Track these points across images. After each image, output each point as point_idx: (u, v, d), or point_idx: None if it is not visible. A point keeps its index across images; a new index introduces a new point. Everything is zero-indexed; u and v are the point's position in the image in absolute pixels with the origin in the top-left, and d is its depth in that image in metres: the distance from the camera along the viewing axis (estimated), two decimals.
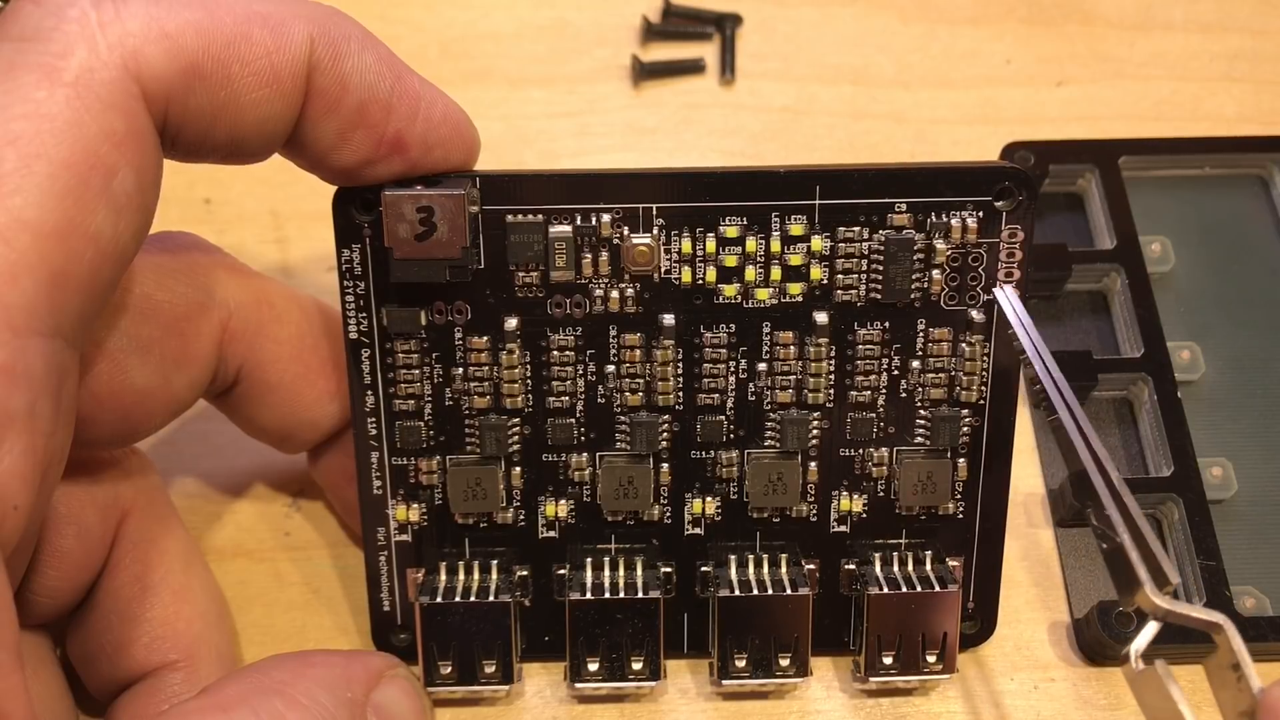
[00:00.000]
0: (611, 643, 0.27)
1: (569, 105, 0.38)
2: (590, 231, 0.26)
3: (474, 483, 0.27)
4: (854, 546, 0.28)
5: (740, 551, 0.28)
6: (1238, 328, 0.33)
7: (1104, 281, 0.34)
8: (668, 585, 0.28)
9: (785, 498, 0.27)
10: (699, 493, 0.28)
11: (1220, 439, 0.31)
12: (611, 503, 0.27)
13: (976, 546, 0.28)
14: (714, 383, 0.27)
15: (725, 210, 0.26)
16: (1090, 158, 0.35)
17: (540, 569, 0.28)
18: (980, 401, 0.27)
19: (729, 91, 0.38)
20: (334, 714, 0.23)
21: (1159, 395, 0.31)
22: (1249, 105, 0.37)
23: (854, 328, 0.26)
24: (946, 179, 0.26)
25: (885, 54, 0.38)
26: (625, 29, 0.39)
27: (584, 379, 0.27)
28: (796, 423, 0.27)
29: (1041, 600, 0.30)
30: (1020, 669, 0.29)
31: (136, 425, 0.25)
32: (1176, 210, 0.35)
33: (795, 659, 0.27)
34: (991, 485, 0.28)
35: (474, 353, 0.26)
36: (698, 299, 0.26)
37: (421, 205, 0.24)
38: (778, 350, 0.27)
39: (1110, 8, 0.39)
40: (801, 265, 0.26)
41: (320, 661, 0.25)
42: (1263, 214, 0.35)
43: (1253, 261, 0.34)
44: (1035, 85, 0.38)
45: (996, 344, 0.26)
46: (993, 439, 0.27)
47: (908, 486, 0.27)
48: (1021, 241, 0.26)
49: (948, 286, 0.26)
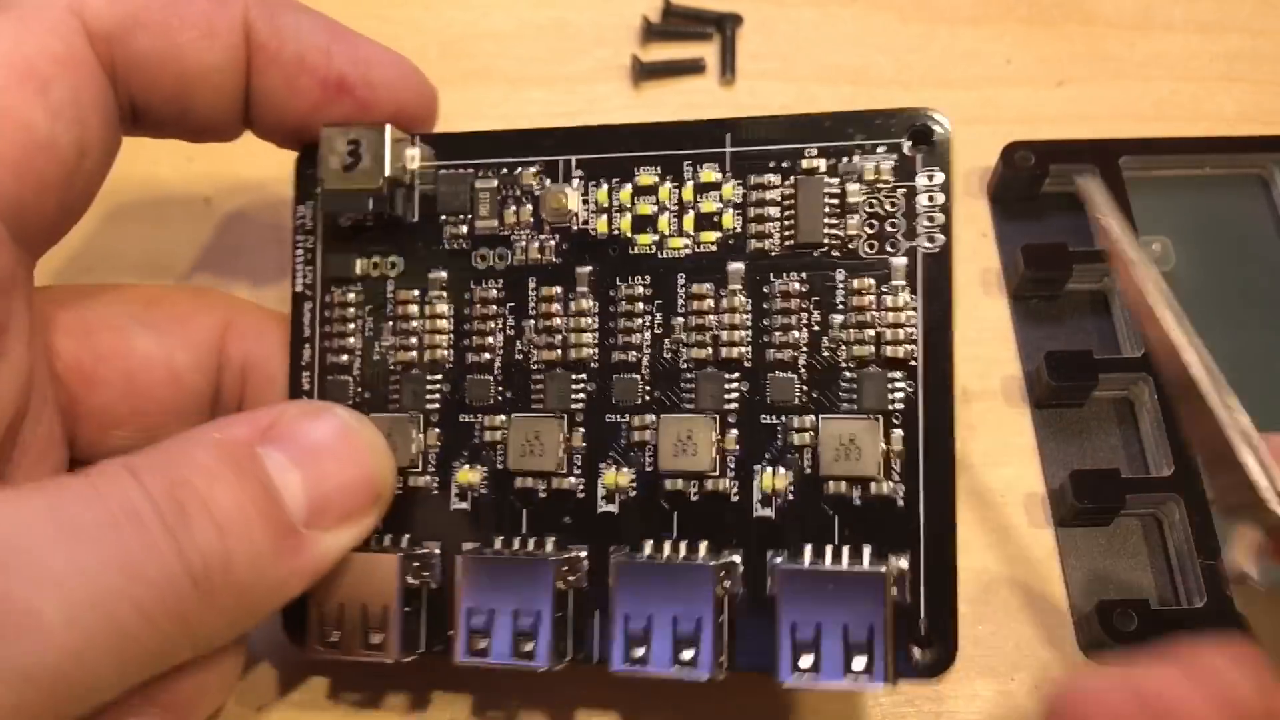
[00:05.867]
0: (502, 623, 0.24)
1: (569, 105, 0.38)
2: (512, 181, 0.27)
3: (386, 435, 0.26)
4: (781, 535, 0.25)
5: (659, 536, 0.25)
6: (1238, 327, 0.33)
7: (1104, 281, 0.33)
8: (574, 571, 0.25)
9: (695, 460, 0.25)
10: (612, 462, 0.26)
11: None
12: (518, 460, 0.26)
13: (924, 545, 0.24)
14: (629, 339, 0.26)
15: (641, 160, 0.26)
16: (1090, 158, 0.34)
17: (453, 547, 0.26)
18: (911, 362, 0.25)
19: (729, 92, 0.38)
20: (203, 462, 0.22)
21: (1160, 395, 0.31)
22: (1249, 105, 0.37)
23: (769, 279, 0.26)
24: (856, 123, 0.25)
25: (885, 54, 0.38)
26: (625, 29, 0.39)
27: (503, 333, 0.27)
28: (712, 380, 0.25)
29: (1042, 600, 0.30)
30: (1020, 668, 0.29)
31: (144, 397, 0.27)
32: (1177, 210, 0.35)
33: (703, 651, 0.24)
34: (934, 467, 0.24)
35: (403, 305, 0.27)
36: (613, 250, 0.26)
37: (351, 139, 0.26)
38: (692, 304, 0.26)
39: (1110, 8, 0.39)
40: (714, 213, 0.26)
41: (203, 426, 0.24)
42: (1263, 214, 0.35)
43: (1253, 261, 0.34)
44: (1035, 85, 0.38)
45: (926, 299, 0.25)
46: (930, 409, 0.25)
47: (829, 451, 0.25)
48: (941, 184, 0.25)
49: (865, 233, 0.25)
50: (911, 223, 0.25)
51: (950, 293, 0.25)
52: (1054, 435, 0.32)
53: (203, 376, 0.27)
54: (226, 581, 0.22)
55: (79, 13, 0.24)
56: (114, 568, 0.20)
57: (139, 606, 0.21)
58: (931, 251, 0.25)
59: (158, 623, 0.21)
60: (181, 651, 0.22)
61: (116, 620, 0.20)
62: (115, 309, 0.27)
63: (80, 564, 0.20)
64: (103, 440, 0.27)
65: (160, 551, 0.21)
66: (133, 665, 0.21)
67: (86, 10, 0.24)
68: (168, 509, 0.21)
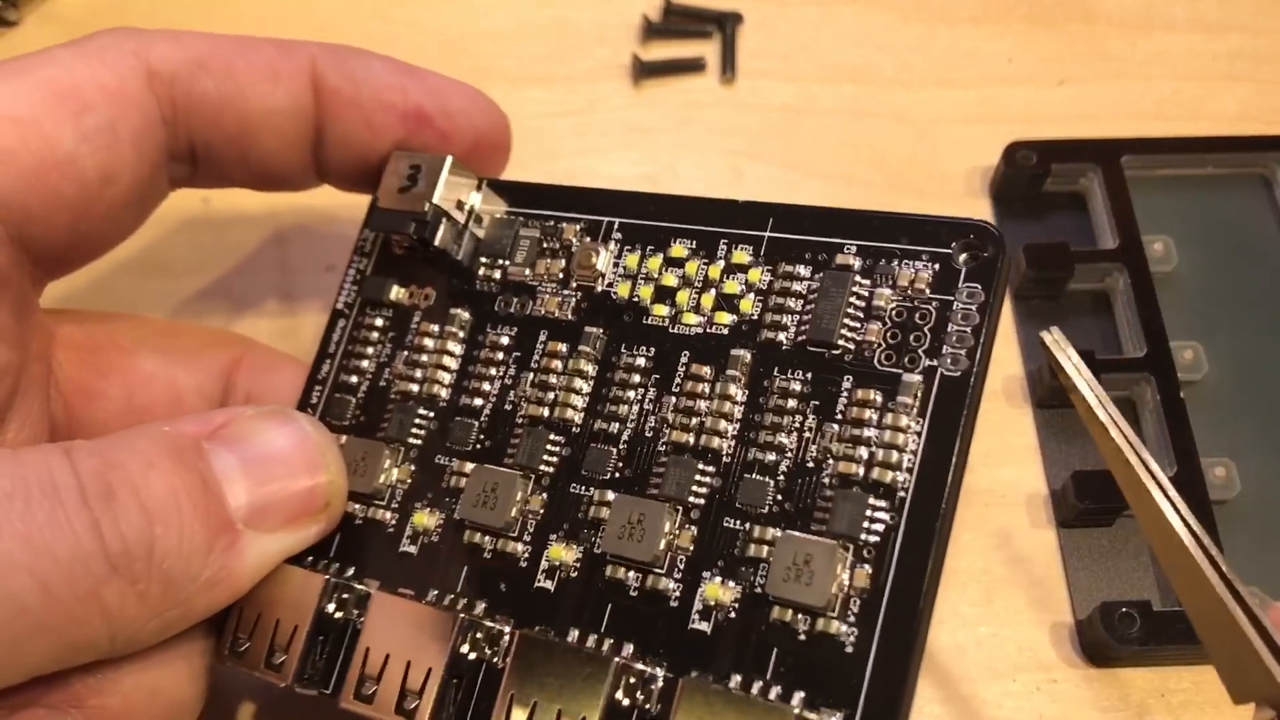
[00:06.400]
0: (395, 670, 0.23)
1: (569, 104, 0.38)
2: (554, 234, 0.27)
3: (359, 458, 0.26)
4: (711, 659, 0.22)
5: (584, 628, 0.23)
6: (1241, 327, 0.33)
7: (1107, 281, 0.33)
8: (490, 644, 0.23)
9: (640, 548, 0.23)
10: (563, 536, 0.24)
11: (1223, 439, 0.31)
12: (469, 509, 0.24)
13: (863, 704, 0.20)
14: (617, 409, 0.24)
15: (679, 231, 0.26)
16: (1093, 157, 0.34)
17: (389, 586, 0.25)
18: (900, 493, 0.21)
19: (729, 90, 0.38)
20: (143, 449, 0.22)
21: (1162, 395, 0.31)
22: (1251, 104, 0.37)
23: (773, 373, 0.23)
24: (905, 227, 0.23)
25: (886, 53, 0.38)
26: (625, 28, 0.39)
27: (501, 381, 0.26)
28: (683, 466, 0.23)
29: (1044, 601, 0.30)
30: (1023, 670, 0.29)
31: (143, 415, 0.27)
32: (1179, 209, 0.35)
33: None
34: (896, 615, 0.21)
35: (421, 337, 0.27)
36: (628, 316, 0.25)
37: (414, 163, 0.27)
38: (689, 384, 0.24)
39: (1112, 7, 0.39)
40: (735, 295, 0.24)
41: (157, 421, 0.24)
42: (1265, 213, 0.35)
43: (1256, 260, 0.34)
44: (1036, 84, 0.38)
45: (933, 424, 0.22)
46: (909, 546, 0.21)
47: (779, 568, 0.21)
48: (981, 305, 0.22)
49: (886, 343, 0.23)
50: (938, 339, 0.22)
51: (959, 426, 0.22)
52: (1056, 435, 0.32)
53: (205, 403, 0.28)
54: (150, 569, 0.21)
55: (144, 56, 0.25)
56: (14, 537, 0.20)
57: (40, 581, 0.20)
58: (952, 375, 0.22)
59: (65, 602, 0.20)
60: (99, 642, 0.21)
61: (10, 591, 0.19)
62: (127, 332, 0.28)
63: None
64: None
65: (73, 529, 0.20)
66: (33, 645, 0.20)
67: (153, 53, 0.25)
68: (92, 488, 0.21)
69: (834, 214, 0.24)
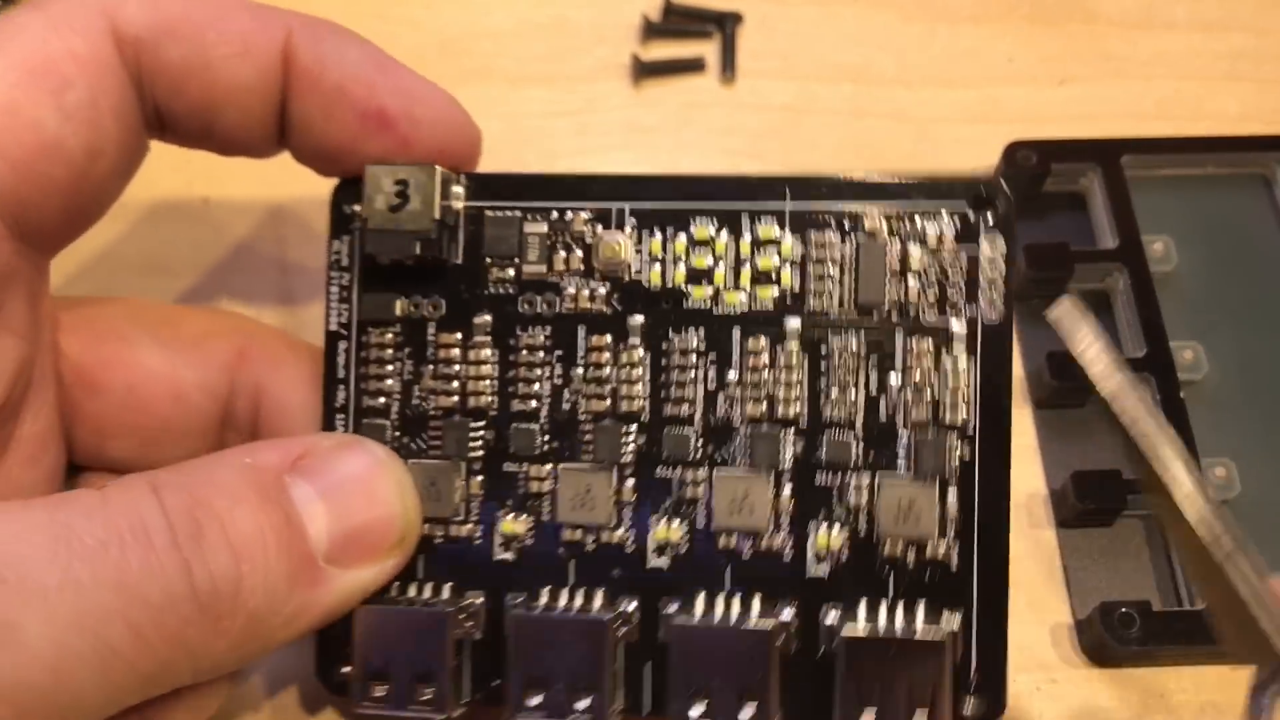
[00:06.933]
0: (558, 681, 0.24)
1: (569, 104, 0.38)
2: (563, 227, 0.26)
3: (429, 484, 0.26)
4: (836, 592, 0.25)
5: (711, 590, 0.25)
6: (1241, 327, 0.33)
7: (1106, 281, 0.33)
8: (625, 625, 0.25)
9: (752, 519, 0.25)
10: (665, 516, 0.26)
11: (1224, 439, 0.31)
12: (568, 512, 0.26)
13: (976, 602, 0.25)
14: (682, 392, 0.26)
15: (697, 211, 0.26)
16: (1092, 157, 0.34)
17: (495, 596, 0.26)
18: (970, 428, 0.25)
19: (729, 90, 0.38)
20: (228, 483, 0.22)
21: (1162, 395, 0.31)
22: (1252, 104, 0.37)
23: (828, 337, 0.25)
24: (920, 190, 0.25)
25: (886, 52, 0.38)
26: (625, 27, 0.39)
27: (550, 381, 0.26)
28: (767, 439, 0.25)
29: (1043, 601, 0.30)
30: (1022, 670, 0.29)
31: (143, 411, 0.26)
32: (1179, 209, 0.34)
33: (761, 710, 0.24)
34: (988, 527, 0.25)
35: (444, 349, 0.26)
36: (667, 302, 0.26)
37: (399, 179, 0.25)
38: (748, 358, 0.25)
39: (1113, 6, 0.39)
40: (773, 270, 0.25)
41: (234, 449, 0.24)
42: (1266, 213, 0.35)
43: (1256, 261, 0.34)
44: (1037, 84, 0.38)
45: (984, 361, 0.25)
46: (986, 473, 0.25)
47: (888, 515, 0.25)
48: (1005, 253, 0.25)
49: (926, 297, 0.25)
50: (973, 289, 0.25)
51: (1006, 361, 0.25)
52: (1055, 436, 0.32)
53: (209, 398, 0.27)
54: (235, 607, 0.21)
55: (111, 15, 0.24)
56: (109, 586, 0.20)
57: (134, 627, 0.20)
58: (990, 319, 0.25)
59: (155, 645, 0.20)
60: (182, 676, 0.22)
61: (105, 639, 0.20)
62: (127, 321, 0.27)
63: (73, 579, 0.20)
64: (100, 448, 0.27)
65: (165, 572, 0.20)
66: (123, 687, 0.21)
67: (120, 14, 0.24)
68: (182, 528, 0.21)
69: (851, 182, 0.25)
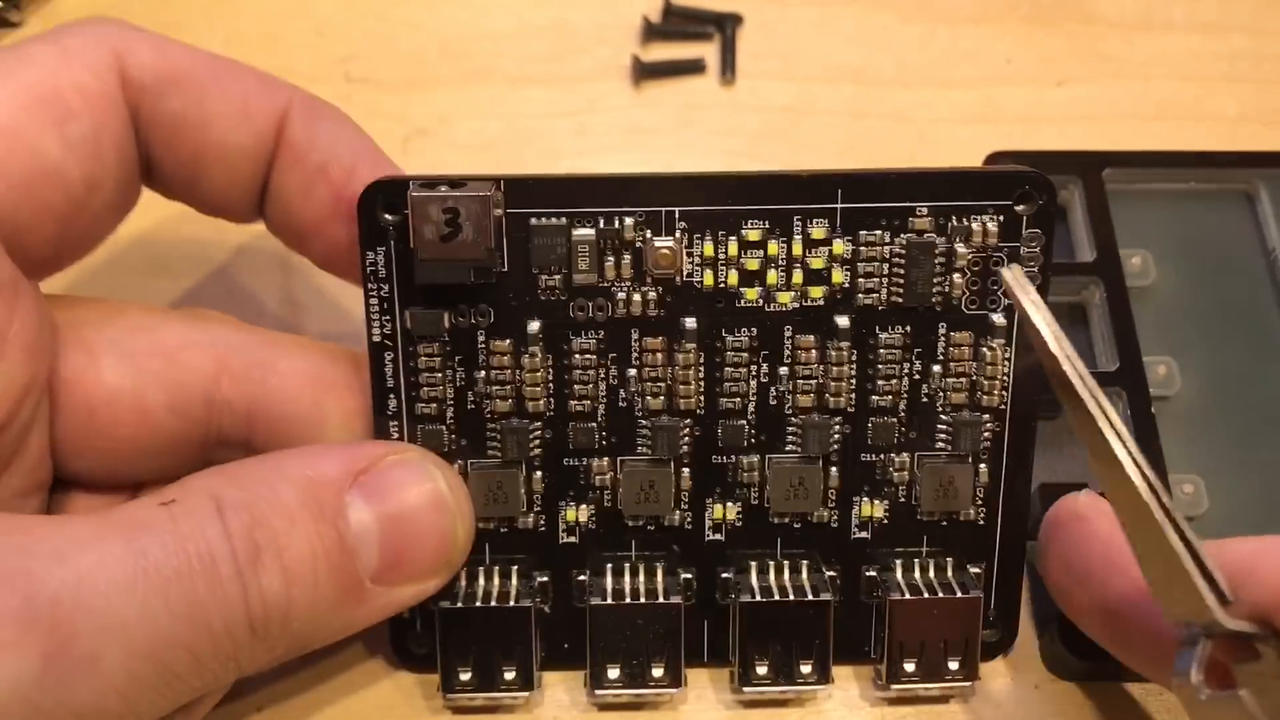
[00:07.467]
0: (632, 649, 0.26)
1: (569, 105, 0.38)
2: (613, 234, 0.26)
3: (495, 487, 0.27)
4: (875, 553, 0.28)
5: (761, 558, 0.28)
6: (1216, 344, 0.32)
7: (1083, 294, 0.33)
8: (688, 591, 0.28)
9: (807, 503, 0.27)
10: (720, 498, 0.27)
11: (1192, 456, 0.31)
12: (633, 507, 0.27)
13: (998, 553, 0.28)
14: (735, 387, 0.27)
15: (747, 214, 0.26)
16: (1074, 169, 0.34)
17: (560, 575, 0.28)
18: (1001, 406, 0.27)
19: (729, 91, 0.38)
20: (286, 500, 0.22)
21: (1133, 409, 0.30)
22: (1250, 105, 0.37)
23: (875, 331, 0.27)
24: (967, 183, 0.26)
25: (886, 53, 0.38)
26: (625, 28, 0.39)
27: (605, 383, 0.27)
28: (818, 427, 0.27)
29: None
30: (1021, 670, 0.29)
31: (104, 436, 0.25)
32: (1159, 224, 0.34)
33: (817, 666, 0.27)
34: (1013, 491, 0.27)
35: (496, 355, 0.26)
36: (719, 302, 0.26)
37: (447, 206, 0.24)
38: (799, 354, 0.27)
39: (1111, 7, 0.39)
40: (823, 269, 0.26)
41: (296, 453, 0.24)
42: (1247, 230, 0.34)
43: (1234, 278, 0.33)
44: (1036, 85, 0.38)
45: (1018, 348, 0.27)
46: (1014, 444, 0.27)
47: (929, 492, 0.27)
48: (1043, 246, 0.26)
49: (969, 290, 0.26)
50: None
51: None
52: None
53: (179, 419, 0.26)
54: (283, 630, 0.22)
55: (122, 56, 0.24)
56: (182, 619, 0.20)
57: (195, 653, 0.21)
58: None
59: (210, 667, 0.21)
60: (222, 685, 0.23)
61: (169, 665, 0.21)
62: (95, 330, 0.25)
63: (151, 613, 0.20)
64: (65, 464, 0.26)
65: (229, 600, 0.21)
66: (175, 702, 0.21)
67: (130, 57, 0.24)
68: (243, 552, 0.21)
69: (900, 177, 0.26)
